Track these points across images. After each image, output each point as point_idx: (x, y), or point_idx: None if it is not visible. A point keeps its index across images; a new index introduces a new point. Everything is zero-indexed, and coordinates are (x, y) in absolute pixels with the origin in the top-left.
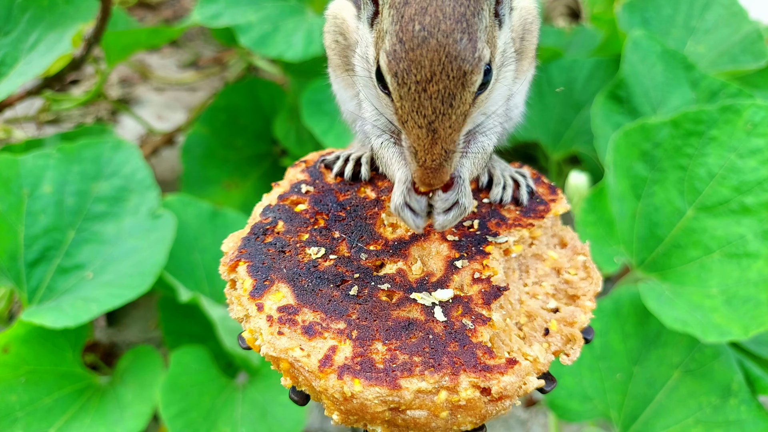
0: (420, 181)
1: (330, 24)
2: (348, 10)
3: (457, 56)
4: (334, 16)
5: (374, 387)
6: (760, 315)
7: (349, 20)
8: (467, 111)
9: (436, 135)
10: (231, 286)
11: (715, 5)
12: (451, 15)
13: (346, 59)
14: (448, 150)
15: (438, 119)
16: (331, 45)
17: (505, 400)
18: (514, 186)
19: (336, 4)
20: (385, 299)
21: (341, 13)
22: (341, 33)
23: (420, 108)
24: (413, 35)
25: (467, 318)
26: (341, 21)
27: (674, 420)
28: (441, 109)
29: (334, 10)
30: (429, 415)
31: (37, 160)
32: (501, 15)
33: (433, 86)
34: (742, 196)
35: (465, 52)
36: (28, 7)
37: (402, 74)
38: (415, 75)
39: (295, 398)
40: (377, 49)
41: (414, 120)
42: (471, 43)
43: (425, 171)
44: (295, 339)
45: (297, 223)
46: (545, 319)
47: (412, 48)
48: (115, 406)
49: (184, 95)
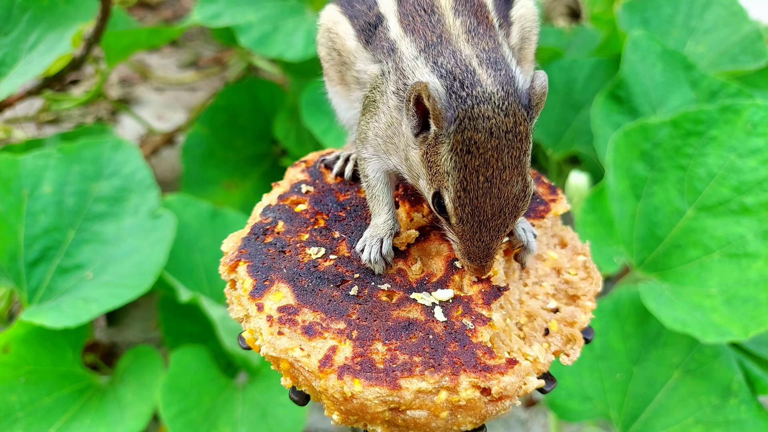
0: (472, 275)
1: (324, 36)
2: (344, 28)
3: (513, 198)
4: (327, 29)
5: (374, 387)
6: (759, 315)
7: (346, 40)
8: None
9: (490, 251)
10: (231, 286)
11: (715, 5)
12: (509, 163)
13: (341, 74)
14: (497, 253)
15: (494, 242)
16: (326, 57)
17: (505, 401)
18: None
19: (329, 17)
20: (385, 299)
21: (335, 28)
22: (335, 49)
23: (478, 236)
24: (477, 186)
25: (467, 318)
26: (335, 36)
27: (674, 420)
28: (496, 236)
29: (327, 22)
30: (429, 415)
31: (37, 160)
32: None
33: (491, 223)
34: (742, 196)
35: (520, 193)
36: (28, 7)
37: (466, 217)
38: (477, 217)
39: (295, 398)
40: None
41: (472, 243)
42: (524, 182)
43: (479, 270)
44: (295, 339)
45: (297, 223)
46: (545, 319)
47: (477, 197)
48: (115, 406)
49: (184, 95)
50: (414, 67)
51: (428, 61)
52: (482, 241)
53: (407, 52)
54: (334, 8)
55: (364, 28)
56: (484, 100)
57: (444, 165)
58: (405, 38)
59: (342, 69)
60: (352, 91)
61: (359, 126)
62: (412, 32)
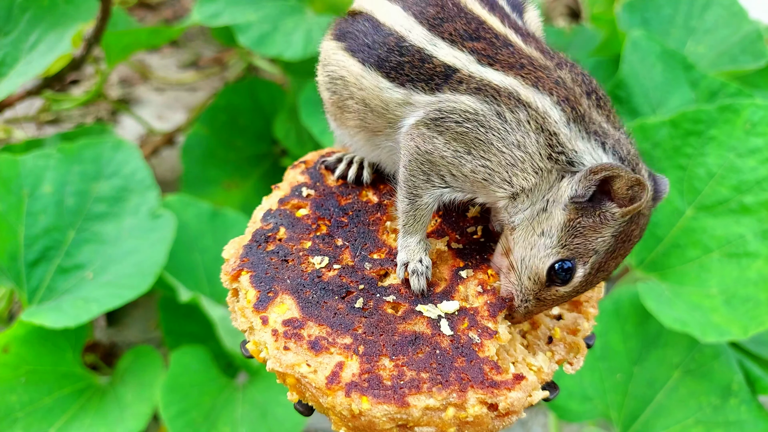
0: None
1: (334, 83)
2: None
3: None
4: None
5: (382, 405)
6: (759, 315)
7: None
8: None
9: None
10: (233, 294)
11: (715, 5)
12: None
13: (366, 122)
14: None
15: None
16: (338, 103)
17: (512, 416)
18: None
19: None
20: (391, 312)
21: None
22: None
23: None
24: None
25: (473, 331)
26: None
27: (674, 420)
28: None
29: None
30: (437, 431)
31: (37, 160)
32: None
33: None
34: (742, 195)
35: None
36: (28, 7)
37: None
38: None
39: (300, 409)
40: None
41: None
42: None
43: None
44: (302, 354)
45: (299, 230)
46: (549, 327)
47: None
48: (115, 406)
49: (184, 95)
50: (573, 138)
51: (591, 137)
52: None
53: (553, 115)
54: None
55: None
56: (647, 199)
57: (596, 244)
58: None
59: (373, 117)
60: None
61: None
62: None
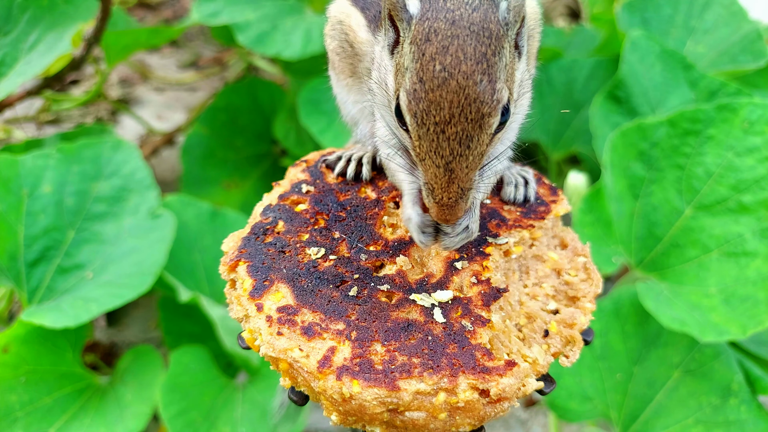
0: (436, 217)
1: (334, 28)
2: (356, 20)
3: (476, 99)
4: (339, 21)
5: (373, 388)
6: (758, 314)
7: (358, 31)
8: (484, 151)
9: (453, 175)
10: (231, 285)
11: (714, 5)
12: (472, 55)
13: (352, 66)
14: (465, 188)
15: (455, 160)
16: (336, 50)
17: (504, 402)
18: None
19: (340, 8)
20: (385, 300)
21: (348, 20)
22: (348, 41)
23: (438, 149)
24: (433, 75)
25: (466, 319)
26: (347, 28)
27: (674, 420)
28: (458, 151)
29: (338, 14)
30: (427, 416)
31: (37, 160)
32: (520, 46)
33: (451, 128)
34: (740, 194)
35: (484, 95)
36: (28, 7)
37: (421, 115)
38: (434, 116)
39: (294, 398)
40: (397, 84)
41: (431, 159)
42: (491, 84)
43: (441, 208)
44: (295, 339)
45: (297, 223)
46: (545, 321)
47: (432, 89)
48: (115, 406)
49: (184, 95)
50: None
51: None
52: (443, 156)
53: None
54: (344, 1)
55: (375, 17)
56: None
57: (405, 60)
58: None
59: (353, 61)
60: (363, 83)
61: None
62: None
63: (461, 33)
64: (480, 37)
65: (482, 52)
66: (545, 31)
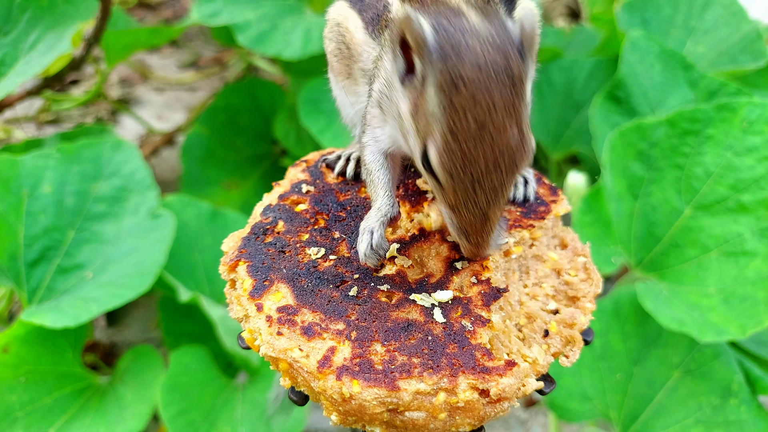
0: (468, 254)
1: (332, 30)
2: (353, 21)
3: (511, 152)
4: (336, 23)
5: (373, 388)
6: (757, 314)
7: (354, 33)
8: (511, 188)
9: (487, 220)
10: (231, 285)
11: (714, 5)
12: (502, 106)
13: (348, 68)
14: (494, 226)
15: (491, 208)
16: (334, 52)
17: (504, 402)
18: (524, 183)
19: (338, 11)
20: (385, 300)
21: (345, 23)
22: (344, 43)
23: (474, 199)
24: (467, 130)
25: (466, 319)
26: (344, 30)
27: (674, 420)
28: (493, 199)
29: (336, 16)
30: (427, 416)
31: (37, 160)
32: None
33: (487, 181)
34: (739, 194)
35: (518, 147)
36: (28, 6)
37: (457, 171)
38: (470, 171)
39: (294, 398)
40: (419, 126)
41: (466, 209)
42: (521, 134)
43: (475, 248)
44: (294, 339)
45: (297, 223)
46: (545, 321)
47: (467, 144)
48: (115, 406)
49: (184, 95)
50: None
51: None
52: (478, 205)
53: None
54: (342, 3)
55: (373, 19)
56: (470, 33)
57: (430, 106)
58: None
59: (350, 63)
60: (359, 85)
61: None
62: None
63: (488, 80)
64: (505, 84)
65: (510, 101)
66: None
